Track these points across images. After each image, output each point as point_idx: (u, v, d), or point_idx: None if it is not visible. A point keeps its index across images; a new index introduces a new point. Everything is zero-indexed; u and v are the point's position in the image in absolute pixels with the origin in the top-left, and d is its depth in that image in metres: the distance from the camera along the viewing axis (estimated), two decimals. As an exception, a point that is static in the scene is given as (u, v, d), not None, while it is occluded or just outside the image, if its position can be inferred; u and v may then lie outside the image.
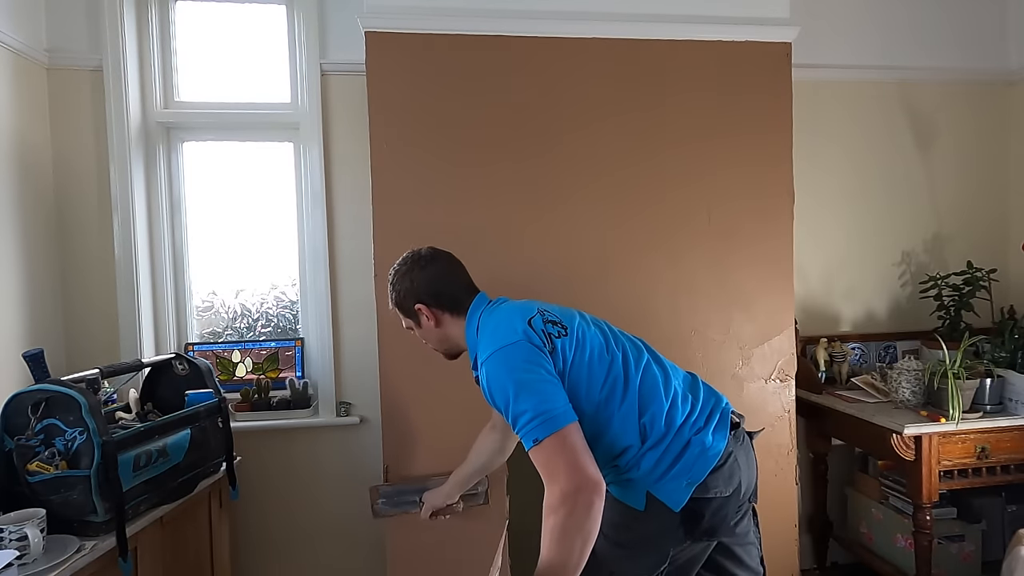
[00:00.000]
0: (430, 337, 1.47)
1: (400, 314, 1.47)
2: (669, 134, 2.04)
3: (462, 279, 1.45)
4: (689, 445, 1.27)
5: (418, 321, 1.44)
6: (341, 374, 2.40)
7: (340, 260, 2.38)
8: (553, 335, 1.27)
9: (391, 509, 1.84)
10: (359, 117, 2.11)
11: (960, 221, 2.76)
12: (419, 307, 1.41)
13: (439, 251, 1.47)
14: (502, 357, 1.23)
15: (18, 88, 2.05)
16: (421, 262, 1.43)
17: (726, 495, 1.27)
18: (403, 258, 1.46)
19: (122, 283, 2.25)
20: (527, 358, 1.21)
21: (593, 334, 1.32)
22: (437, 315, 1.42)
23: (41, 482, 1.45)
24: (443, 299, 1.41)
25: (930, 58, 2.68)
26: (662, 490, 1.24)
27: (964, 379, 2.09)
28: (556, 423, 1.14)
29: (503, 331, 1.26)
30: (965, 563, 2.35)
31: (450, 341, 1.45)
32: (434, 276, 1.42)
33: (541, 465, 1.14)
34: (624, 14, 1.99)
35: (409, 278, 1.42)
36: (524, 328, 1.25)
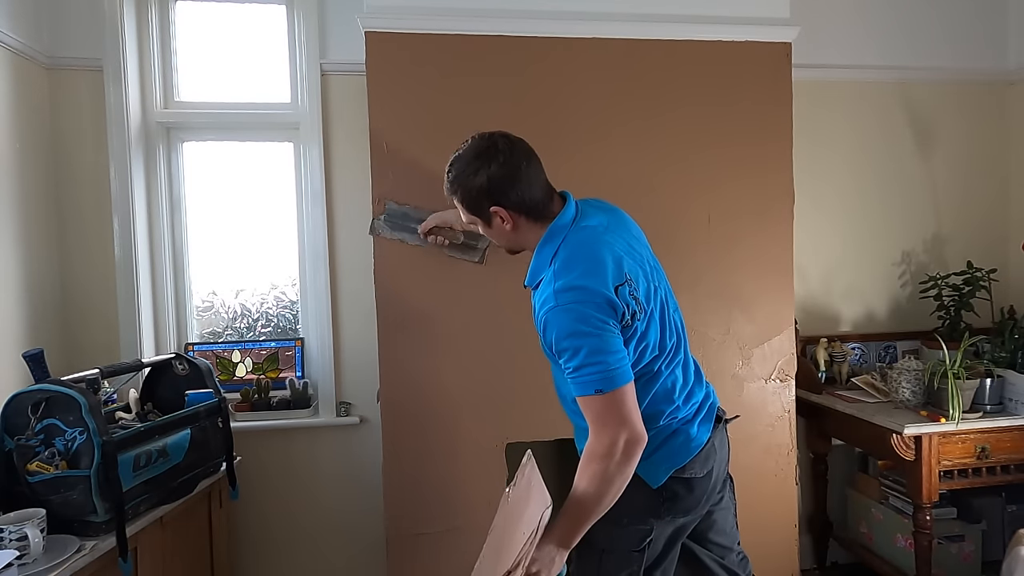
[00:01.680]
0: (498, 237, 1.34)
1: (463, 209, 1.32)
2: (668, 133, 2.03)
3: (542, 177, 1.29)
4: (675, 434, 1.32)
5: (488, 221, 1.30)
6: (341, 374, 2.40)
7: (340, 260, 2.38)
8: (628, 315, 1.21)
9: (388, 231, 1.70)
10: (359, 117, 2.11)
11: (960, 221, 2.76)
12: (495, 210, 1.26)
13: (514, 138, 1.28)
14: (579, 299, 1.17)
15: (18, 88, 2.05)
16: (498, 155, 1.24)
17: (699, 476, 1.32)
18: (471, 146, 1.27)
19: (122, 283, 2.25)
20: (602, 309, 1.18)
21: (656, 327, 1.29)
22: (515, 219, 1.28)
23: (41, 482, 1.45)
24: (525, 203, 1.26)
25: (930, 58, 2.68)
26: (644, 469, 1.27)
27: (964, 379, 2.09)
28: (620, 379, 1.18)
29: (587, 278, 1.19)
30: (965, 563, 2.35)
31: (521, 243, 1.34)
32: (514, 174, 1.24)
33: (594, 413, 1.19)
34: (624, 14, 1.99)
35: (485, 174, 1.24)
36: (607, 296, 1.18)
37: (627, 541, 1.33)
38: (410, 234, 1.69)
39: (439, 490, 1.95)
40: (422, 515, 1.94)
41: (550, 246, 1.27)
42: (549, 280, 1.23)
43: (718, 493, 1.41)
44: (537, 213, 1.28)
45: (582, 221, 1.30)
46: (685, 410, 1.35)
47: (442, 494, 1.95)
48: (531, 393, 1.95)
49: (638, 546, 1.33)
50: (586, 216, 1.31)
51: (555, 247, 1.26)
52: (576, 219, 1.30)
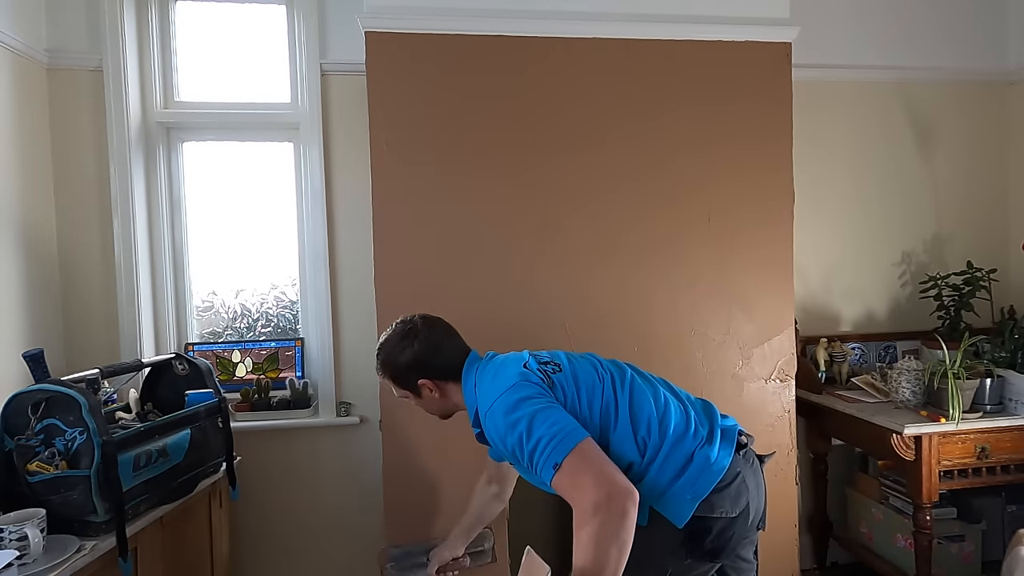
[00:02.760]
0: (430, 407, 1.45)
1: (395, 386, 1.44)
2: (668, 133, 2.03)
3: (458, 345, 1.43)
4: (692, 458, 1.25)
5: (419, 393, 1.42)
6: (341, 374, 2.40)
7: (340, 260, 2.38)
8: (549, 371, 1.29)
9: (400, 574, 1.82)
10: (359, 117, 2.11)
11: (960, 221, 2.76)
12: (423, 382, 1.39)
13: (432, 318, 1.44)
14: (504, 401, 1.23)
15: (18, 88, 2.05)
16: (419, 334, 1.39)
17: (732, 516, 1.24)
18: (395, 330, 1.42)
19: (122, 283, 2.25)
20: (529, 394, 1.22)
21: (584, 365, 1.34)
22: (441, 386, 1.40)
23: (41, 482, 1.45)
24: (446, 370, 1.39)
25: (930, 58, 2.68)
26: (666, 505, 1.23)
27: (964, 379, 2.09)
28: (571, 440, 1.14)
29: (502, 379, 1.28)
30: (965, 563, 2.35)
31: (450, 407, 1.45)
32: (433, 348, 1.38)
33: (567, 487, 1.12)
34: (624, 14, 1.99)
35: (409, 352, 1.38)
36: (520, 371, 1.28)
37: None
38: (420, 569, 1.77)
39: (439, 490, 1.95)
40: (422, 515, 1.94)
41: (469, 384, 1.37)
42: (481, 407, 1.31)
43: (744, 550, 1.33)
44: (451, 369, 1.40)
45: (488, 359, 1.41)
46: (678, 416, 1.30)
47: (442, 494, 1.95)
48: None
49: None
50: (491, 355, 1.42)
51: (472, 381, 1.36)
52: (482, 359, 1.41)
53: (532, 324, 1.96)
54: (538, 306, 1.97)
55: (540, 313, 1.97)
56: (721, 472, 1.25)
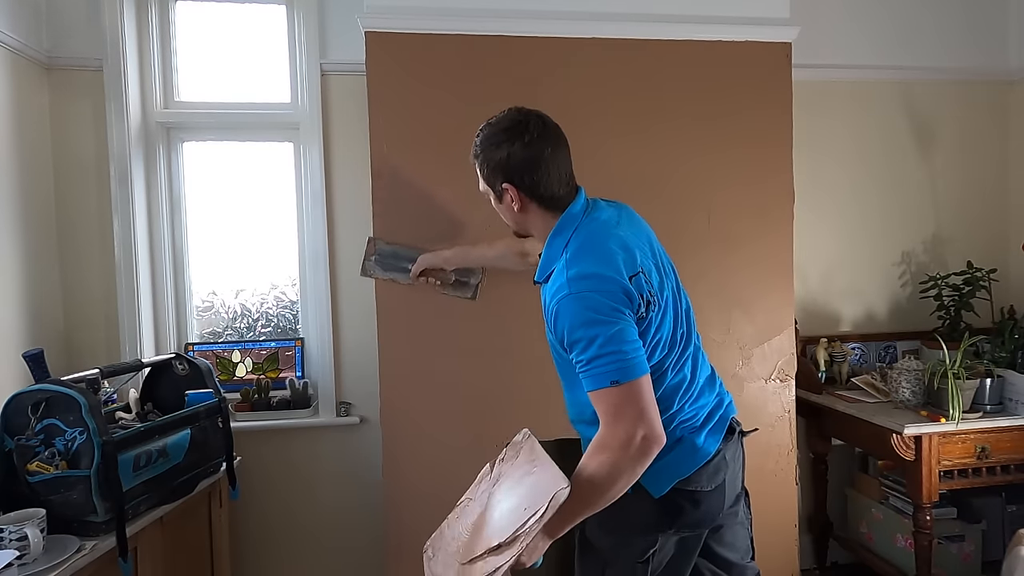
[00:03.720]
0: (506, 216, 1.33)
1: (480, 177, 1.31)
2: (669, 133, 2.03)
3: (564, 170, 1.26)
4: (680, 442, 1.25)
5: (499, 196, 1.28)
6: (341, 374, 2.40)
7: (340, 260, 2.38)
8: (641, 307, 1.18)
9: (380, 272, 1.68)
10: (359, 117, 2.11)
11: (960, 221, 2.76)
12: (507, 187, 1.25)
13: (548, 124, 1.27)
14: (594, 287, 1.14)
15: (18, 88, 2.05)
16: (525, 135, 1.22)
17: (707, 490, 1.26)
18: (505, 117, 1.26)
19: (122, 283, 2.25)
20: (617, 298, 1.14)
21: (667, 323, 1.24)
22: (525, 202, 1.25)
23: (41, 482, 1.45)
24: (538, 189, 1.23)
25: (930, 58, 2.68)
26: (645, 477, 1.20)
27: (964, 379, 2.09)
28: (637, 370, 1.12)
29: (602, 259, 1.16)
30: (965, 563, 2.35)
31: (528, 227, 1.32)
32: (536, 158, 1.22)
33: (607, 409, 1.13)
34: (624, 14, 1.99)
35: (507, 149, 1.22)
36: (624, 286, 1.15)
37: (630, 552, 1.27)
38: (402, 273, 1.70)
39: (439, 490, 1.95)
40: (422, 515, 1.93)
41: (561, 237, 1.25)
42: (561, 269, 1.20)
43: (731, 508, 1.34)
44: (549, 202, 1.26)
45: (593, 213, 1.28)
46: (689, 413, 1.28)
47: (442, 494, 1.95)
48: (531, 393, 1.95)
49: (641, 557, 1.27)
50: (597, 208, 1.29)
51: (567, 237, 1.24)
52: (587, 211, 1.28)
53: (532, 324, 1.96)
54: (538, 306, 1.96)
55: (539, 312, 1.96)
56: (706, 458, 1.26)
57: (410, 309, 1.93)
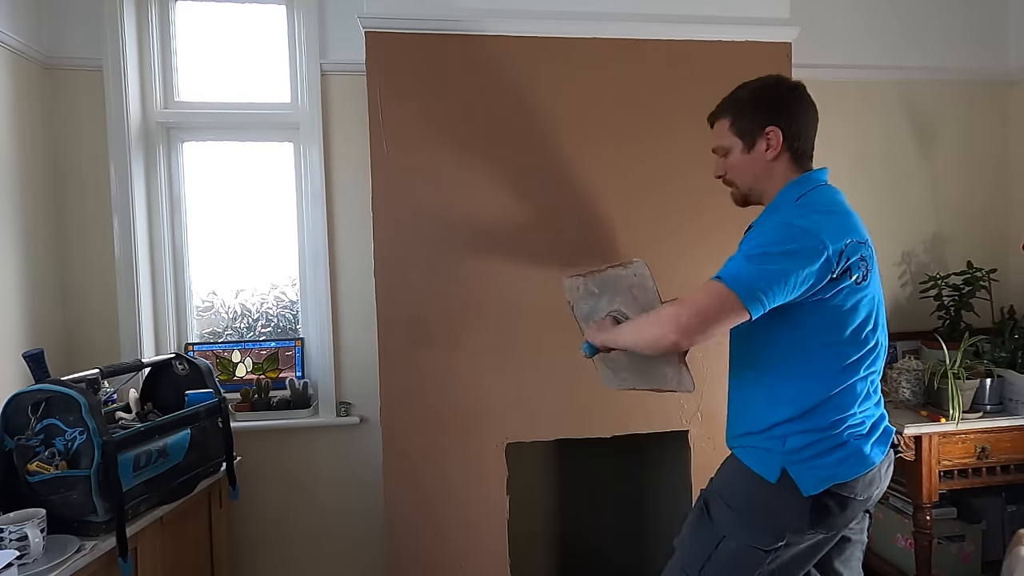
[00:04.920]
0: (749, 168, 1.32)
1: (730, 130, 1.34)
2: (669, 133, 2.03)
3: (814, 136, 1.33)
4: (844, 445, 1.21)
5: (752, 145, 1.30)
6: (341, 374, 2.40)
7: (340, 260, 2.38)
8: (850, 274, 1.17)
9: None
10: (359, 117, 2.11)
11: (960, 221, 2.76)
12: (771, 131, 1.27)
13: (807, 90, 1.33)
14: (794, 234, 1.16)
15: (18, 88, 2.05)
16: (795, 93, 1.31)
17: (860, 499, 1.23)
18: (769, 77, 1.35)
19: (122, 283, 2.25)
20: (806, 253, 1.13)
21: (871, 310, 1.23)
22: (780, 151, 1.28)
23: (41, 482, 1.45)
24: (797, 139, 1.28)
25: (930, 58, 2.68)
26: (800, 472, 1.20)
27: (964, 379, 2.09)
28: (745, 294, 1.13)
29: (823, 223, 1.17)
30: (965, 563, 2.35)
31: (765, 183, 1.32)
32: (802, 112, 1.30)
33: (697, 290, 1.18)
34: (624, 14, 1.99)
35: (779, 99, 1.29)
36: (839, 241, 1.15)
37: (753, 536, 1.24)
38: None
39: (439, 490, 1.95)
40: (422, 515, 1.94)
41: (798, 188, 1.28)
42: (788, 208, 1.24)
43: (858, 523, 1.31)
44: (801, 156, 1.30)
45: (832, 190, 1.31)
46: (858, 419, 1.23)
47: (442, 494, 1.95)
48: (532, 393, 1.95)
49: (767, 546, 1.22)
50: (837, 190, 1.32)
51: (804, 190, 1.27)
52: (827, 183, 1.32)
53: (531, 324, 1.96)
54: (538, 306, 1.97)
55: (540, 313, 1.97)
56: (870, 467, 1.23)
57: (411, 309, 1.93)
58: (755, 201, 1.38)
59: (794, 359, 1.24)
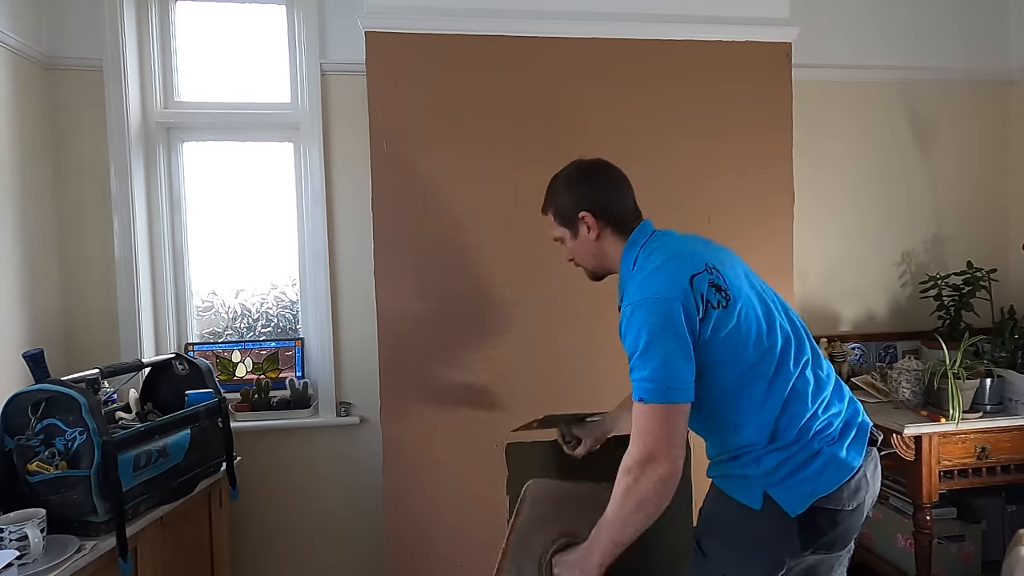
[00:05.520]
0: (583, 251, 1.39)
1: (556, 221, 1.41)
2: (669, 134, 2.03)
3: (630, 200, 1.38)
4: (819, 455, 1.19)
5: (576, 231, 1.37)
6: (341, 374, 2.40)
7: (340, 260, 2.38)
8: (712, 304, 1.17)
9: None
10: (359, 117, 2.11)
11: (960, 221, 2.76)
12: (584, 215, 1.34)
13: (608, 163, 1.40)
14: (650, 308, 1.16)
15: (18, 88, 2.05)
16: (591, 171, 1.38)
17: (848, 509, 1.20)
18: (570, 165, 1.41)
19: (122, 283, 2.25)
20: (674, 319, 1.14)
21: (755, 317, 1.21)
22: (600, 228, 1.34)
23: (41, 482, 1.45)
24: (609, 213, 1.34)
25: (930, 58, 2.68)
26: (781, 493, 1.18)
27: (964, 379, 2.09)
28: (670, 396, 1.12)
29: (663, 277, 1.19)
30: (965, 563, 2.35)
31: (603, 260, 1.38)
32: (605, 187, 1.36)
33: (636, 423, 1.14)
34: (624, 14, 1.99)
35: (578, 185, 1.36)
36: (684, 288, 1.16)
37: (754, 570, 1.21)
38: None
39: (439, 490, 1.95)
40: (422, 515, 1.94)
41: (631, 253, 1.32)
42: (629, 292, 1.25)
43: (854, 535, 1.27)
44: (620, 225, 1.35)
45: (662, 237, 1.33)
46: (823, 421, 1.21)
47: (442, 494, 1.95)
48: (532, 394, 1.95)
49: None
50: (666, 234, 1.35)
51: (635, 253, 1.30)
52: (655, 233, 1.35)
53: (532, 323, 1.96)
54: (538, 306, 1.97)
55: (539, 312, 1.97)
56: (850, 472, 1.19)
57: (411, 309, 1.93)
58: (605, 274, 1.43)
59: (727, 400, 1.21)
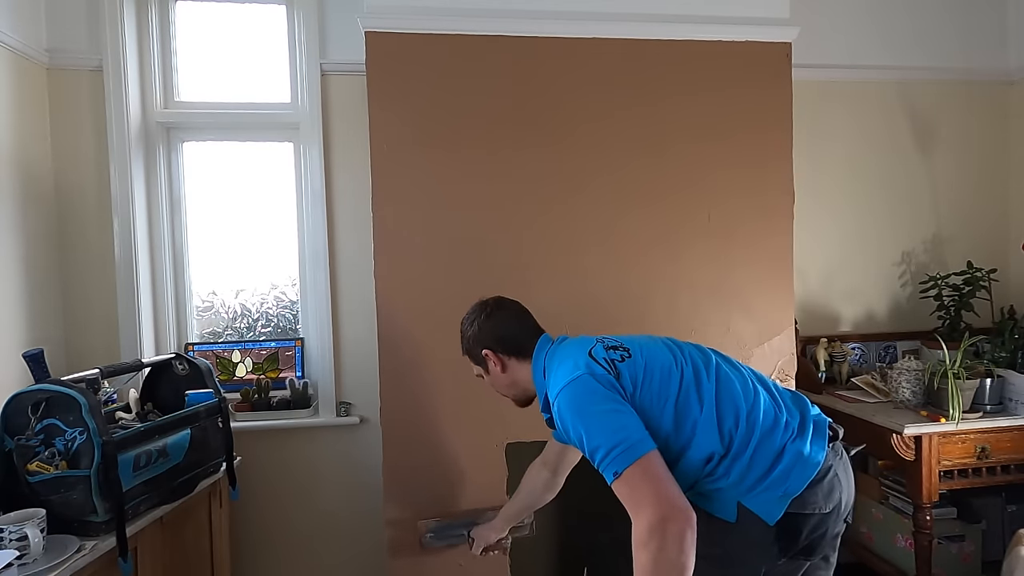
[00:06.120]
0: (499, 383, 1.50)
1: (470, 361, 1.54)
2: (669, 134, 2.03)
3: (527, 324, 1.50)
4: (783, 453, 1.20)
5: (486, 367, 1.49)
6: (341, 374, 2.40)
7: (340, 260, 2.38)
8: (616, 360, 1.27)
9: (438, 542, 1.89)
10: (359, 117, 2.11)
11: (960, 221, 2.76)
12: (486, 353, 1.46)
13: (505, 299, 1.53)
14: (570, 394, 1.22)
15: (18, 88, 2.05)
16: (487, 310, 1.49)
17: (825, 512, 1.21)
18: (472, 308, 1.53)
19: (122, 283, 2.25)
20: (594, 390, 1.20)
21: (658, 351, 1.31)
22: (503, 360, 1.46)
23: (41, 482, 1.45)
24: (508, 344, 1.46)
25: (930, 58, 2.68)
26: (755, 501, 1.19)
27: (964, 379, 2.09)
28: (634, 452, 1.11)
29: (567, 367, 1.27)
30: (965, 563, 2.35)
31: (518, 386, 1.48)
32: (499, 322, 1.47)
33: (625, 498, 1.11)
34: (624, 14, 1.99)
35: (477, 325, 1.48)
36: (586, 361, 1.26)
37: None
38: (459, 539, 1.86)
39: (439, 490, 1.95)
40: (421, 515, 1.94)
41: (538, 367, 1.41)
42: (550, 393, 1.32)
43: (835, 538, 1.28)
44: (519, 351, 1.46)
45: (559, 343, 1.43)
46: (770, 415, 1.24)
47: (441, 494, 1.95)
48: (531, 393, 1.95)
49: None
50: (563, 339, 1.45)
51: (541, 365, 1.40)
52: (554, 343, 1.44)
53: (532, 324, 1.96)
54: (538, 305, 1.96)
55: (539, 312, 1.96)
56: (816, 467, 1.20)
57: (411, 308, 1.93)
58: (528, 399, 1.51)
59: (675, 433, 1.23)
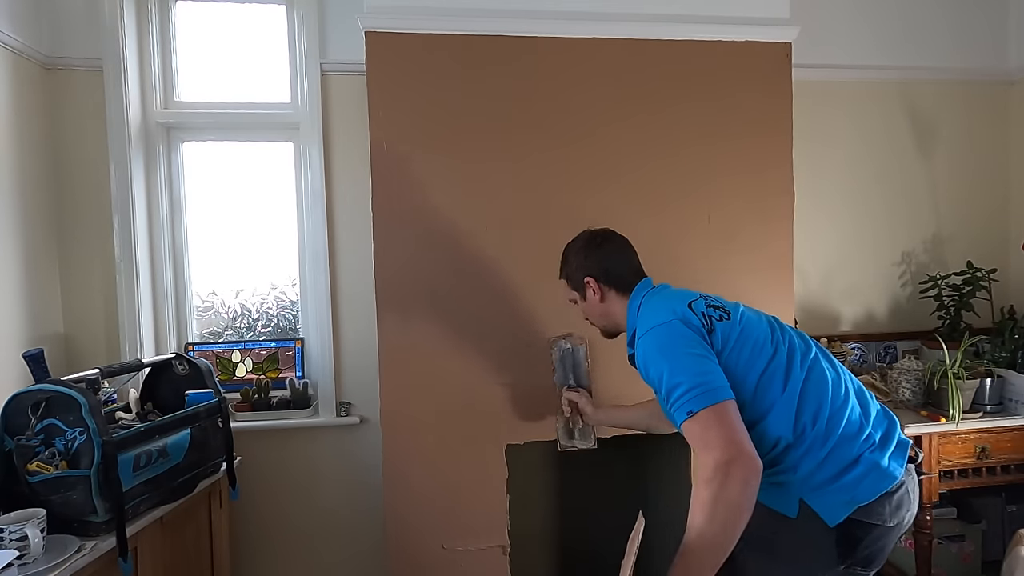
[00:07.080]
0: (592, 311, 1.53)
1: (568, 286, 1.56)
2: (669, 134, 2.03)
3: (632, 262, 1.51)
4: (859, 461, 1.18)
5: (584, 294, 1.51)
6: (341, 374, 2.40)
7: (340, 260, 2.38)
8: (714, 318, 1.28)
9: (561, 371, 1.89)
10: (359, 117, 2.11)
11: (960, 221, 2.76)
12: (588, 280, 1.48)
13: (614, 233, 1.54)
14: (658, 334, 1.25)
15: (18, 88, 2.05)
16: (596, 240, 1.51)
17: (889, 525, 1.19)
18: (579, 235, 1.55)
19: (122, 283, 2.25)
20: (683, 335, 1.22)
21: (758, 323, 1.30)
22: (603, 291, 1.48)
23: (41, 482, 1.45)
24: (611, 277, 1.47)
25: (930, 58, 2.68)
26: (819, 501, 1.17)
27: (964, 379, 2.09)
28: (713, 396, 1.12)
29: (663, 310, 1.29)
30: (965, 563, 2.35)
31: (610, 318, 1.50)
32: (607, 254, 1.49)
33: (695, 438, 1.13)
34: (624, 14, 1.99)
35: (584, 253, 1.50)
36: (684, 309, 1.27)
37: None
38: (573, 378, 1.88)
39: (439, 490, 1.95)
40: (422, 515, 1.94)
41: (634, 305, 1.43)
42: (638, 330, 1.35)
43: None
44: (623, 286, 1.47)
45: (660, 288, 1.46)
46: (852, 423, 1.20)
47: (442, 494, 1.95)
48: (531, 394, 1.95)
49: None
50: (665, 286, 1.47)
51: (637, 304, 1.42)
52: (655, 288, 1.47)
53: (532, 323, 1.96)
54: (538, 305, 1.97)
55: (540, 312, 1.97)
56: (892, 481, 1.18)
57: (411, 309, 1.93)
58: (616, 331, 1.55)
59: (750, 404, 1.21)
